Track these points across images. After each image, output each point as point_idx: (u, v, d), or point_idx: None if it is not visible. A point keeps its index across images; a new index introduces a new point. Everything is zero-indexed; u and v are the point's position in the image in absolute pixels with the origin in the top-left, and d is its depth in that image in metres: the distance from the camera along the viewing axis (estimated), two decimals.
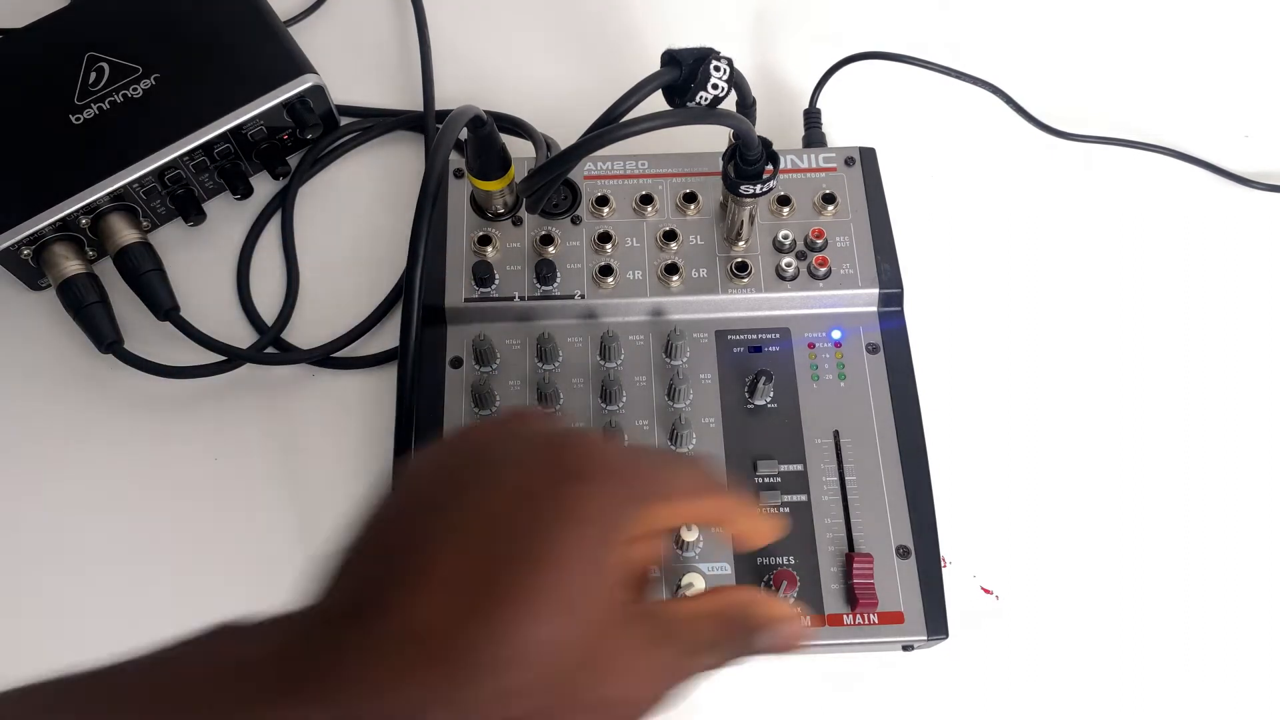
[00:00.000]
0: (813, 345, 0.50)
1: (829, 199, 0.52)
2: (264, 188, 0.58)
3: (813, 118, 0.58)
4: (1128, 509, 0.50)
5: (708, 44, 0.42)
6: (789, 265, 0.50)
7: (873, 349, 0.50)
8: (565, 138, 0.47)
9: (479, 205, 0.51)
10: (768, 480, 0.47)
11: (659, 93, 0.43)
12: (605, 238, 0.51)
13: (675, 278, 0.50)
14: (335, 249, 0.57)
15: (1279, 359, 0.54)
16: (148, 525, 0.50)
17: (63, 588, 0.48)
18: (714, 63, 0.41)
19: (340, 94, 0.59)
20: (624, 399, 0.49)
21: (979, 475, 0.51)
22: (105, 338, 0.51)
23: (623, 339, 0.49)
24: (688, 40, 0.42)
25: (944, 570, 0.45)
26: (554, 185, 0.48)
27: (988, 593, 0.48)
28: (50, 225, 0.51)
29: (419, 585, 0.25)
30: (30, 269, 0.53)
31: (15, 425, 0.52)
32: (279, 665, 0.25)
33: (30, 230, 0.50)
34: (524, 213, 0.52)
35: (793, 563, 0.45)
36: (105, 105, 0.54)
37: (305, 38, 0.60)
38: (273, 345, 0.54)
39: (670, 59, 0.42)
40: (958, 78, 0.60)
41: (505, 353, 0.50)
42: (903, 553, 0.45)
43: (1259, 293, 0.56)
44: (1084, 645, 0.47)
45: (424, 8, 0.64)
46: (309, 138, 0.58)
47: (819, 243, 0.51)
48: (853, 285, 0.50)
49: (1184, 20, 0.65)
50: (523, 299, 0.50)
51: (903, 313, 0.51)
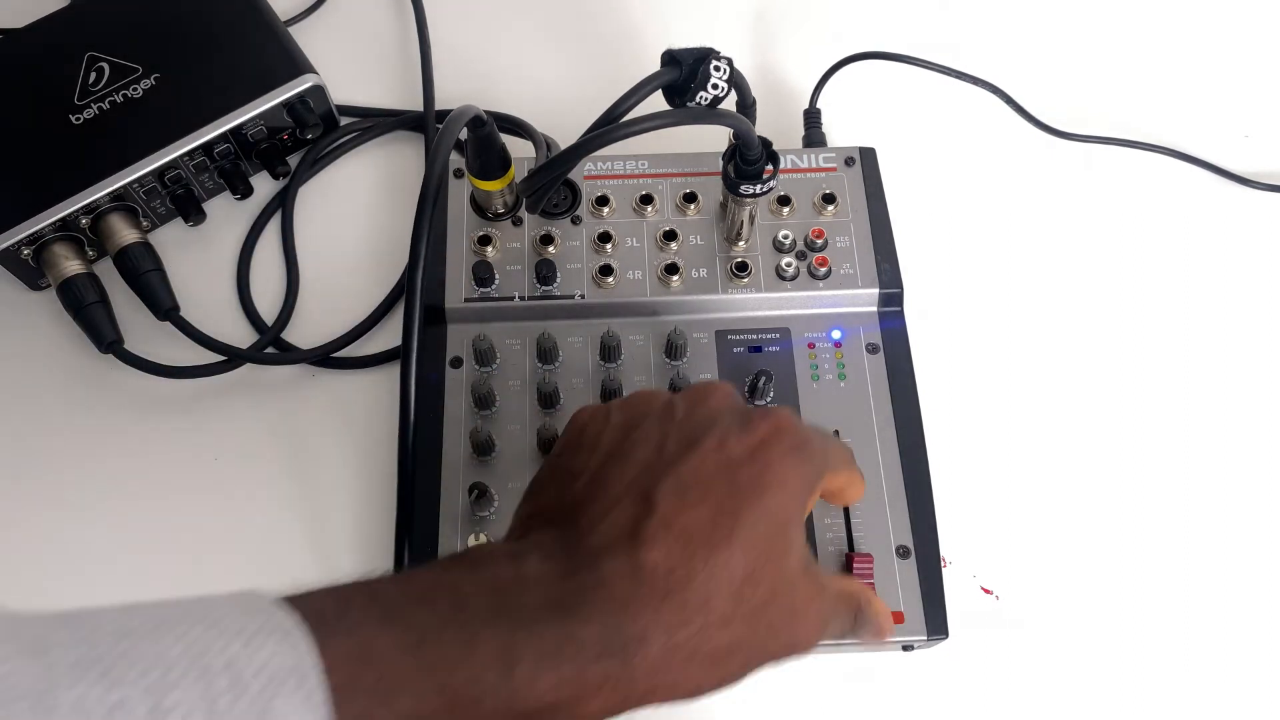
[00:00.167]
0: (813, 345, 0.50)
1: (829, 199, 0.52)
2: (264, 188, 0.58)
3: (813, 118, 0.58)
4: (1128, 509, 0.50)
5: (708, 44, 0.42)
6: (789, 265, 0.50)
7: (873, 349, 0.50)
8: (565, 138, 0.47)
9: (479, 205, 0.51)
10: None
11: (659, 93, 0.43)
12: (605, 238, 0.51)
13: (675, 278, 0.50)
14: (335, 249, 0.57)
15: (1279, 359, 0.54)
16: (148, 525, 0.50)
17: (62, 588, 0.48)
18: (714, 63, 0.41)
19: (340, 94, 0.59)
20: None
21: (979, 475, 0.51)
22: (105, 338, 0.51)
23: (623, 339, 0.49)
24: (688, 40, 0.42)
25: (944, 570, 0.45)
26: (554, 185, 0.48)
27: (988, 593, 0.48)
28: (50, 225, 0.51)
29: (657, 532, 0.31)
30: (30, 269, 0.53)
31: (15, 425, 0.52)
32: (554, 584, 0.31)
33: (30, 230, 0.50)
34: (524, 213, 0.52)
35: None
36: (105, 105, 0.54)
37: (305, 38, 0.60)
38: (273, 345, 0.54)
39: (670, 59, 0.42)
40: (958, 78, 0.60)
41: (505, 353, 0.50)
42: (903, 553, 0.45)
43: (1259, 293, 0.56)
44: (1084, 645, 0.47)
45: (424, 8, 0.64)
46: (309, 138, 0.58)
47: (819, 243, 0.51)
48: (853, 285, 0.50)
49: (1184, 20, 0.65)
50: (523, 299, 0.50)
51: (903, 313, 0.51)
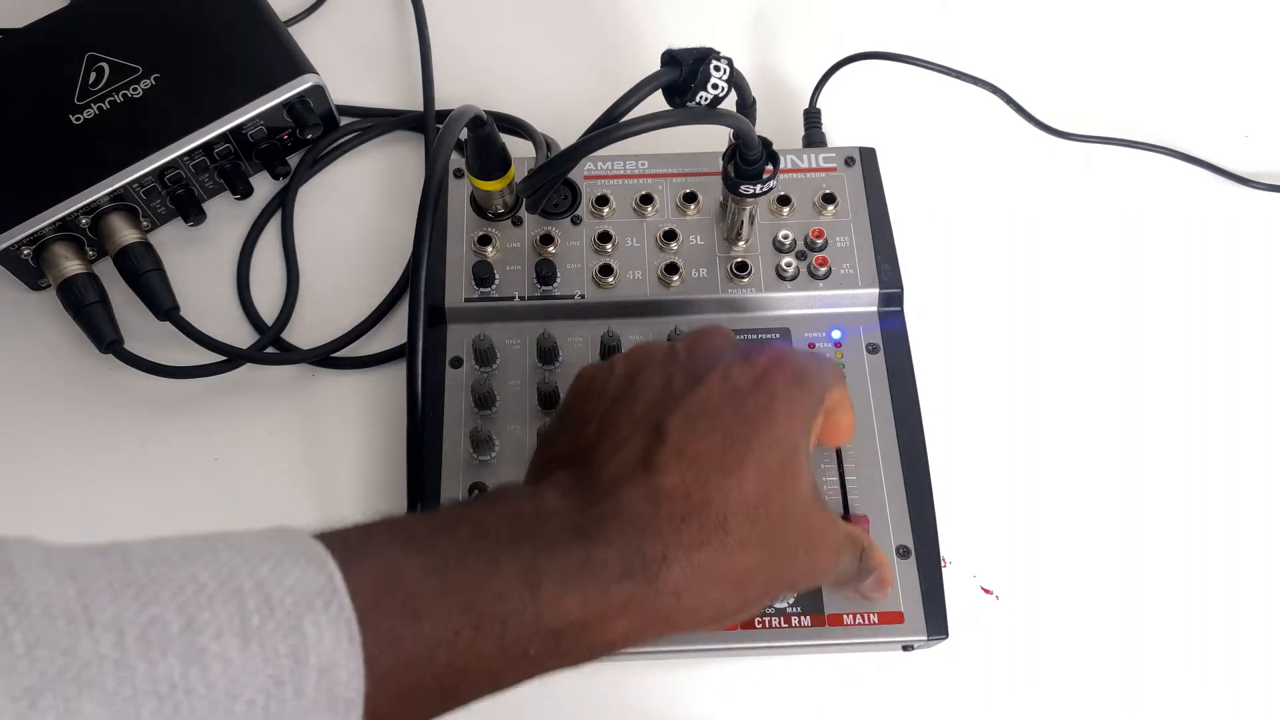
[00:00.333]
0: (813, 345, 0.50)
1: (829, 199, 0.52)
2: (264, 188, 0.58)
3: (813, 118, 0.58)
4: (1128, 509, 0.50)
5: (708, 44, 0.42)
6: (789, 265, 0.50)
7: (873, 349, 0.50)
8: (565, 138, 0.47)
9: (479, 205, 0.51)
10: None
11: (659, 93, 0.43)
12: (605, 238, 0.51)
13: (675, 278, 0.50)
14: (335, 249, 0.57)
15: (1279, 359, 0.54)
16: (148, 525, 0.49)
17: None
18: (714, 63, 0.41)
19: (340, 94, 0.59)
20: None
21: (979, 475, 0.51)
22: (105, 338, 0.51)
23: (623, 339, 0.49)
24: (688, 40, 0.42)
25: (944, 570, 0.45)
26: (554, 185, 0.48)
27: (988, 593, 0.48)
28: (50, 225, 0.51)
29: (670, 460, 0.33)
30: (30, 269, 0.53)
31: (15, 425, 0.52)
32: (573, 514, 0.32)
33: (30, 230, 0.50)
34: (524, 213, 0.52)
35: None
36: (105, 105, 0.54)
37: (305, 38, 0.60)
38: (273, 345, 0.54)
39: (670, 59, 0.42)
40: (958, 78, 0.60)
41: (505, 353, 0.50)
42: (903, 553, 0.45)
43: (1259, 293, 0.56)
44: (1084, 645, 0.47)
45: (424, 8, 0.64)
46: (309, 138, 0.58)
47: (819, 243, 0.51)
48: (853, 285, 0.50)
49: (1184, 20, 0.65)
50: (523, 299, 0.50)
51: (903, 313, 0.51)
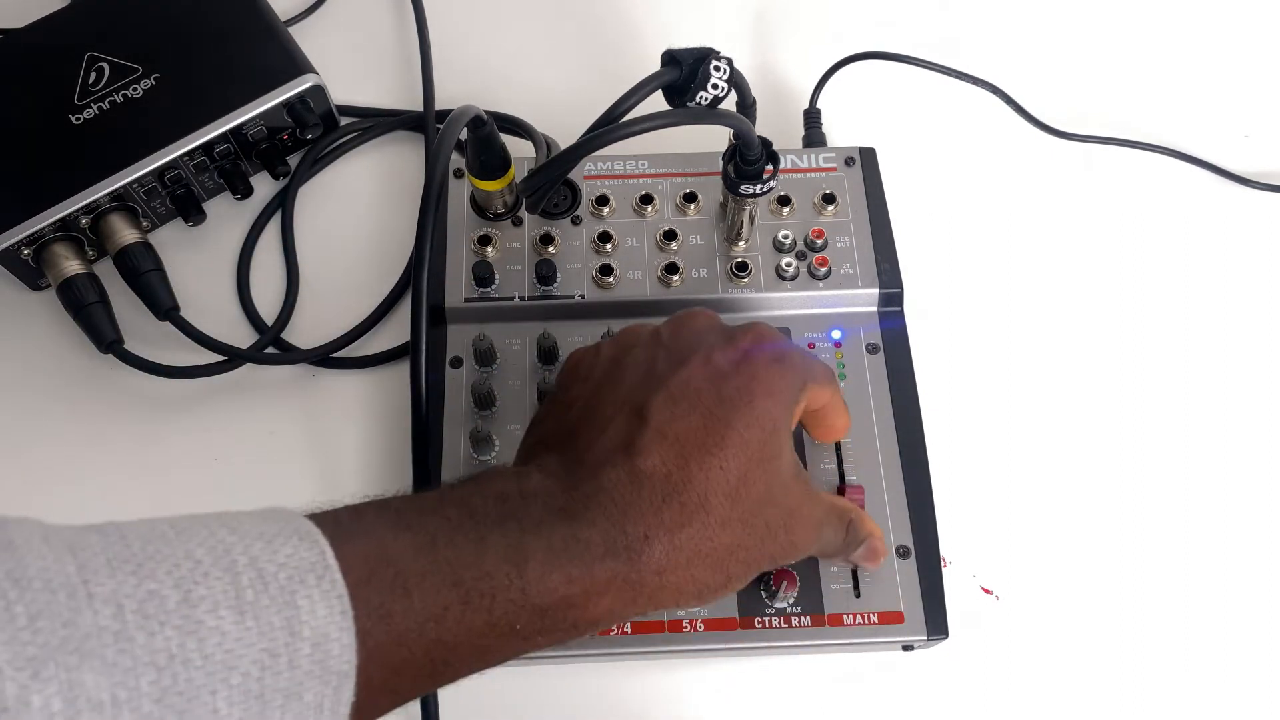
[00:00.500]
0: (813, 345, 0.50)
1: (829, 199, 0.52)
2: (264, 188, 0.58)
3: (813, 118, 0.58)
4: (1128, 509, 0.50)
5: (708, 44, 0.42)
6: (789, 265, 0.50)
7: (873, 349, 0.50)
8: (565, 138, 0.47)
9: (479, 205, 0.51)
10: None
11: (659, 93, 0.43)
12: (605, 238, 0.51)
13: (675, 278, 0.50)
14: (335, 249, 0.57)
15: (1279, 359, 0.54)
16: None
17: None
18: (714, 63, 0.41)
19: (340, 94, 0.59)
20: None
21: (979, 475, 0.51)
22: (105, 338, 0.51)
23: None
24: (688, 40, 0.42)
25: (944, 570, 0.45)
26: (554, 185, 0.48)
27: (988, 593, 0.48)
28: (50, 225, 0.51)
29: (651, 442, 0.33)
30: (30, 269, 0.53)
31: (15, 425, 0.52)
32: (557, 496, 0.33)
33: (30, 230, 0.50)
34: (524, 213, 0.52)
35: (792, 562, 0.45)
36: (105, 105, 0.54)
37: (305, 38, 0.60)
38: (273, 345, 0.54)
39: (670, 59, 0.42)
40: (958, 78, 0.60)
41: (505, 353, 0.49)
42: (903, 553, 0.45)
43: (1259, 293, 0.56)
44: (1084, 645, 0.47)
45: (424, 8, 0.64)
46: (309, 138, 0.58)
47: (819, 243, 0.51)
48: (853, 285, 0.50)
49: (1184, 20, 0.65)
50: (523, 299, 0.50)
51: (903, 313, 0.51)
